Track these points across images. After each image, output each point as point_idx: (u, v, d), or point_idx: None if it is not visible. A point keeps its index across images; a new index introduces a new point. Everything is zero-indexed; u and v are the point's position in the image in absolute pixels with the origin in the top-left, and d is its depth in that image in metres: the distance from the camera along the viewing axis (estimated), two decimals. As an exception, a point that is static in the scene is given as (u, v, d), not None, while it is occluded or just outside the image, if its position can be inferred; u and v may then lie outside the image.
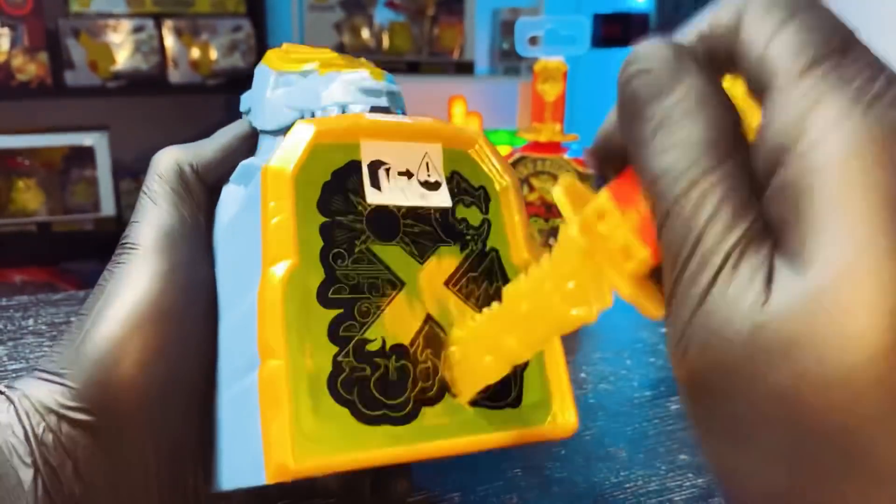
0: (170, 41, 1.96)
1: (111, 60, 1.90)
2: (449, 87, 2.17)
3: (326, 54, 0.28)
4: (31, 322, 0.50)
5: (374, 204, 0.24)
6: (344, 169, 0.24)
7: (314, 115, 0.26)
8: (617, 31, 2.32)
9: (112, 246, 0.26)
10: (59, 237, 1.93)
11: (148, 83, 1.95)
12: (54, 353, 0.24)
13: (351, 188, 0.24)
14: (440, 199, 0.25)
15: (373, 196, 0.24)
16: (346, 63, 0.27)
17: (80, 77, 1.88)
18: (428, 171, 0.25)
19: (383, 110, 0.26)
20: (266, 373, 0.21)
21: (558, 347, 0.25)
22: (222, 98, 1.96)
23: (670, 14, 2.25)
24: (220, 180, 0.28)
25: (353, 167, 0.24)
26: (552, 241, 0.60)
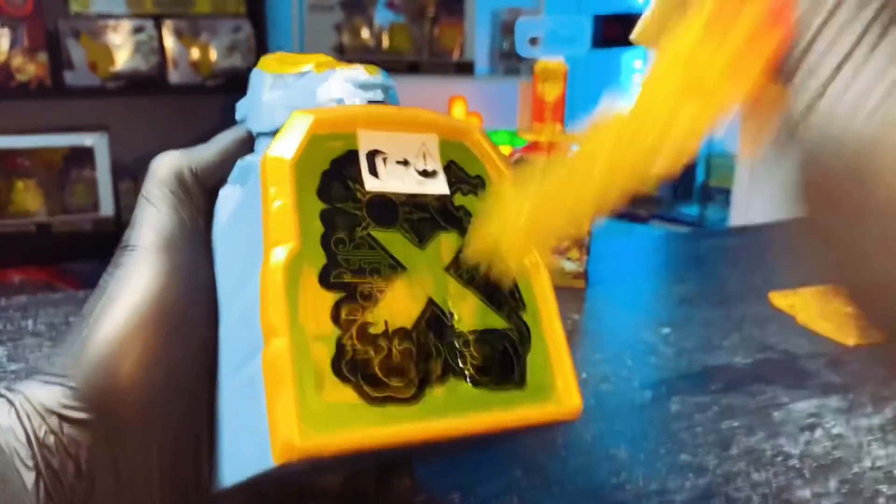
0: (170, 42, 1.96)
1: (111, 61, 1.90)
2: (449, 87, 2.17)
3: (322, 58, 0.28)
4: (30, 322, 0.50)
5: (373, 191, 0.24)
6: (342, 158, 0.24)
7: None
8: (617, 31, 2.32)
9: (111, 246, 0.26)
10: (58, 237, 1.93)
11: (148, 84, 1.95)
12: (55, 356, 0.24)
13: (350, 176, 0.24)
14: (437, 186, 0.25)
15: (371, 184, 0.24)
16: (342, 66, 0.27)
17: (80, 77, 1.88)
18: (425, 160, 0.26)
19: (378, 104, 0.26)
20: (270, 352, 0.21)
21: (560, 331, 0.26)
22: (222, 99, 1.96)
23: (670, 14, 2.24)
24: (218, 184, 0.28)
25: (351, 156, 0.24)
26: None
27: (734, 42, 0.17)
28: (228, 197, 0.28)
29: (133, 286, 0.24)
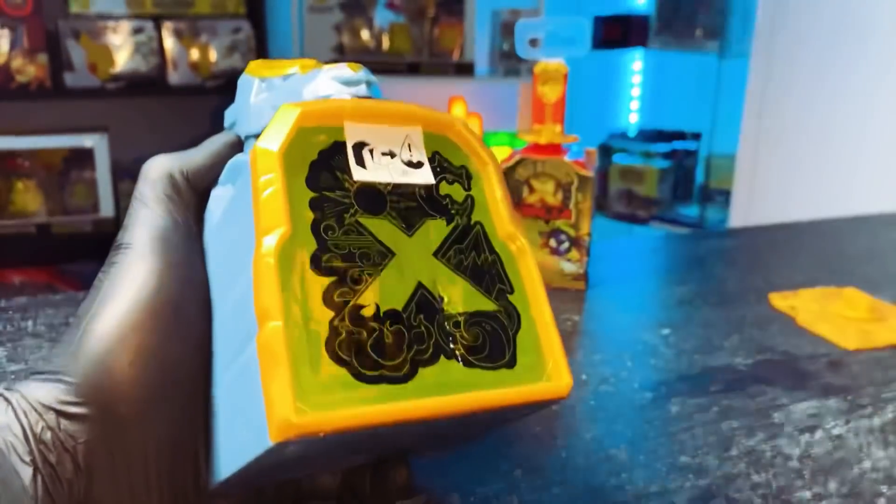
0: (169, 43, 1.96)
1: (111, 62, 1.90)
2: (449, 88, 2.17)
3: (307, 62, 0.29)
4: (30, 323, 0.50)
5: (361, 181, 0.25)
6: (330, 149, 0.25)
7: None
8: (617, 32, 2.32)
9: (111, 247, 0.26)
10: (58, 238, 1.93)
11: (147, 84, 1.95)
12: (51, 355, 0.24)
13: (337, 166, 0.25)
14: (423, 176, 0.26)
15: (358, 173, 0.25)
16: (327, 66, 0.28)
17: (80, 78, 1.88)
18: (410, 151, 0.26)
19: (363, 99, 0.27)
20: (264, 335, 0.21)
21: (548, 312, 0.26)
22: (222, 99, 1.96)
23: (670, 15, 2.25)
24: (209, 186, 0.29)
25: (339, 147, 0.25)
26: (552, 243, 0.60)
27: None
28: (219, 197, 0.28)
29: (128, 284, 0.24)
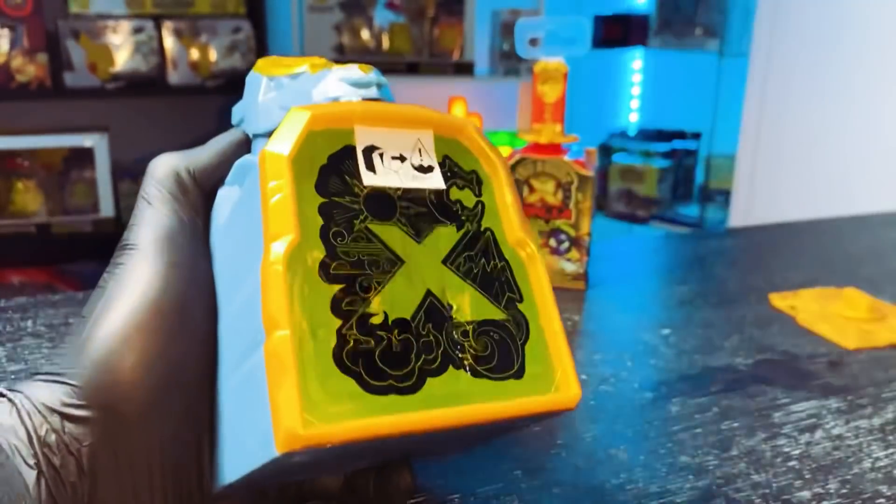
0: (169, 42, 1.96)
1: (111, 62, 1.90)
2: (449, 87, 2.17)
3: (316, 60, 0.28)
4: (29, 323, 0.50)
5: (371, 186, 0.24)
6: (339, 153, 0.24)
7: None
8: (617, 32, 2.32)
9: (111, 247, 0.26)
10: (58, 238, 1.93)
11: (147, 84, 1.95)
12: (56, 356, 0.24)
13: (347, 171, 0.24)
14: (433, 181, 0.26)
15: (368, 178, 0.25)
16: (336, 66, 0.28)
17: (80, 78, 1.88)
18: (420, 156, 0.26)
19: (373, 101, 0.27)
20: (272, 344, 0.21)
21: (557, 321, 0.26)
22: (222, 99, 1.96)
23: (670, 15, 2.25)
24: (215, 185, 0.29)
25: (348, 151, 0.25)
26: (552, 243, 0.60)
27: None
28: (226, 197, 0.28)
29: (133, 284, 0.24)
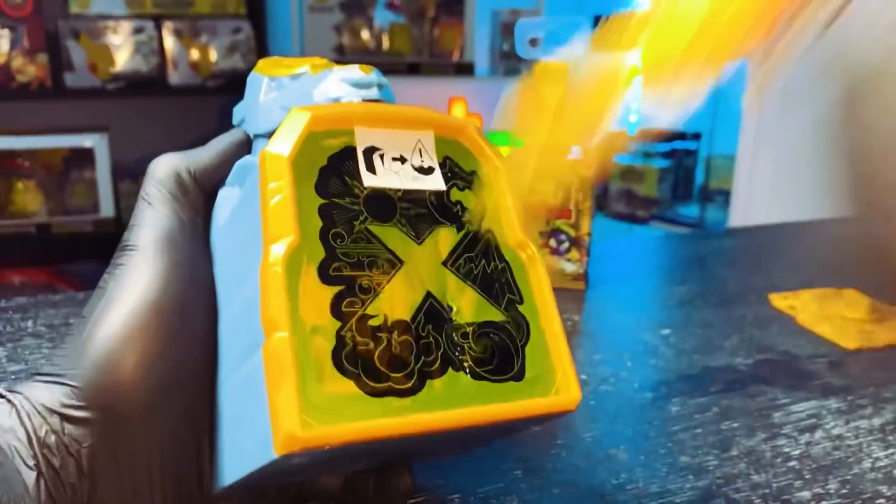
0: (169, 42, 1.96)
1: (111, 62, 1.90)
2: (449, 88, 2.17)
3: (317, 60, 0.28)
4: (30, 323, 0.50)
5: (371, 187, 0.24)
6: (340, 154, 0.24)
7: None
8: (617, 32, 2.32)
9: (111, 247, 0.26)
10: (58, 238, 1.93)
11: (147, 84, 1.95)
12: (55, 357, 0.24)
13: (347, 172, 0.24)
14: (434, 182, 0.26)
15: (369, 179, 0.25)
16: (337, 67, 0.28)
17: (80, 78, 1.88)
18: (421, 156, 0.26)
19: (374, 102, 0.27)
20: (271, 346, 0.21)
21: (558, 323, 0.26)
22: (222, 100, 1.96)
23: (670, 15, 2.24)
24: (216, 186, 0.29)
25: (349, 152, 0.25)
26: (552, 243, 0.60)
27: None
28: (227, 198, 0.28)
29: (133, 285, 0.24)
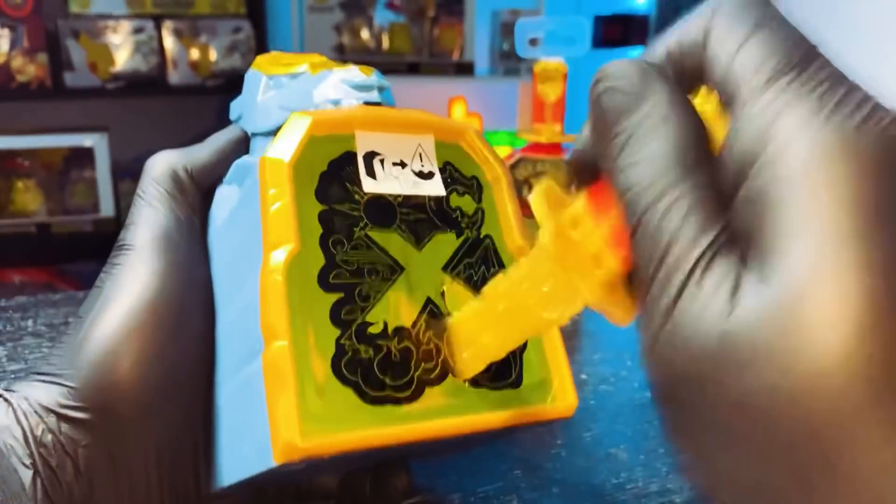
0: (169, 42, 1.96)
1: (111, 61, 1.90)
2: (449, 88, 2.17)
3: (316, 58, 0.28)
4: (30, 323, 0.50)
5: (371, 193, 0.24)
6: (340, 159, 0.24)
7: None
8: (617, 32, 2.32)
9: (111, 247, 0.26)
10: (58, 238, 1.93)
11: (147, 84, 1.95)
12: (53, 357, 0.24)
13: (347, 177, 0.24)
14: (434, 187, 0.26)
15: (369, 185, 0.24)
16: (336, 66, 0.28)
17: (80, 78, 1.88)
18: (421, 161, 0.26)
19: (374, 105, 0.27)
20: (271, 354, 0.21)
21: (555, 330, 0.26)
22: (222, 99, 1.96)
23: (670, 15, 2.25)
24: (213, 183, 0.29)
25: (349, 157, 0.25)
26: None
27: (574, 267, 0.19)
28: (225, 197, 0.28)
29: (130, 285, 0.24)
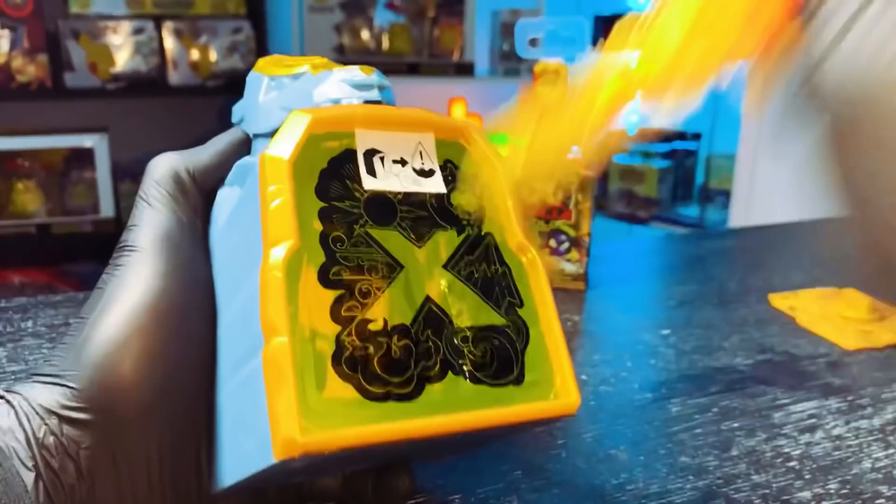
0: (169, 43, 1.96)
1: (111, 62, 1.90)
2: (449, 88, 2.17)
3: (317, 60, 0.28)
4: (30, 324, 0.50)
5: (371, 190, 0.24)
6: (340, 157, 0.24)
7: None
8: (617, 32, 2.32)
9: (111, 248, 0.26)
10: (58, 239, 1.93)
11: (148, 85, 1.95)
12: (54, 357, 0.24)
13: (347, 175, 0.24)
14: (434, 185, 0.26)
15: (369, 183, 0.24)
16: (338, 67, 0.28)
17: (80, 79, 1.88)
18: (422, 159, 0.26)
19: (375, 104, 0.27)
20: (270, 350, 0.21)
21: (557, 327, 0.26)
22: (222, 100, 1.96)
23: (670, 16, 2.24)
24: (215, 185, 0.29)
25: (349, 155, 0.25)
26: (552, 243, 0.60)
27: None
28: (226, 198, 0.28)
29: (132, 286, 0.24)
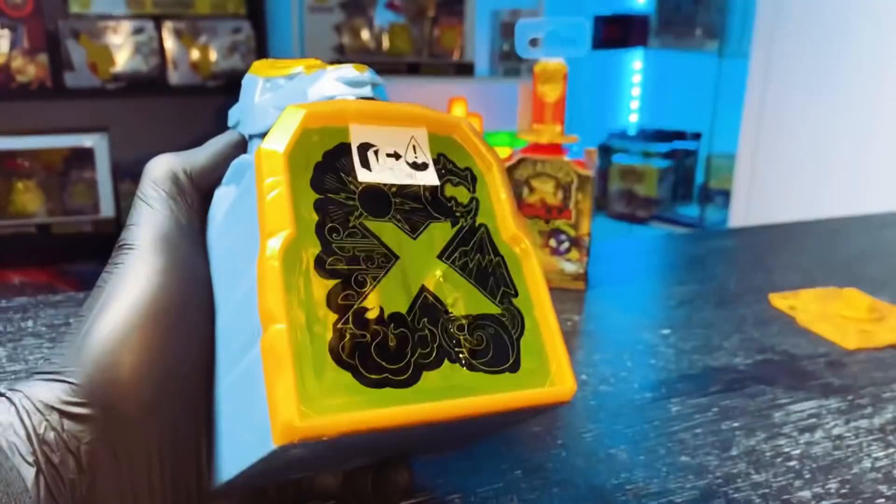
0: (170, 43, 1.96)
1: (111, 62, 1.90)
2: (449, 88, 2.17)
3: (311, 61, 0.28)
4: (30, 323, 0.50)
5: (366, 182, 0.25)
6: (334, 150, 0.25)
7: None
8: (617, 32, 2.32)
9: (111, 247, 0.26)
10: (58, 239, 1.93)
11: (148, 84, 1.95)
12: (55, 354, 0.24)
13: (342, 168, 0.25)
14: (428, 178, 0.26)
15: (363, 175, 0.25)
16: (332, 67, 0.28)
17: (80, 78, 1.88)
18: (415, 152, 0.26)
19: (368, 100, 0.27)
20: (269, 338, 0.21)
21: (552, 316, 0.26)
22: (222, 100, 1.96)
23: (670, 15, 2.25)
24: (212, 186, 0.29)
25: (343, 149, 0.25)
26: (552, 243, 0.60)
27: None
28: (223, 197, 0.28)
29: (131, 283, 0.25)
